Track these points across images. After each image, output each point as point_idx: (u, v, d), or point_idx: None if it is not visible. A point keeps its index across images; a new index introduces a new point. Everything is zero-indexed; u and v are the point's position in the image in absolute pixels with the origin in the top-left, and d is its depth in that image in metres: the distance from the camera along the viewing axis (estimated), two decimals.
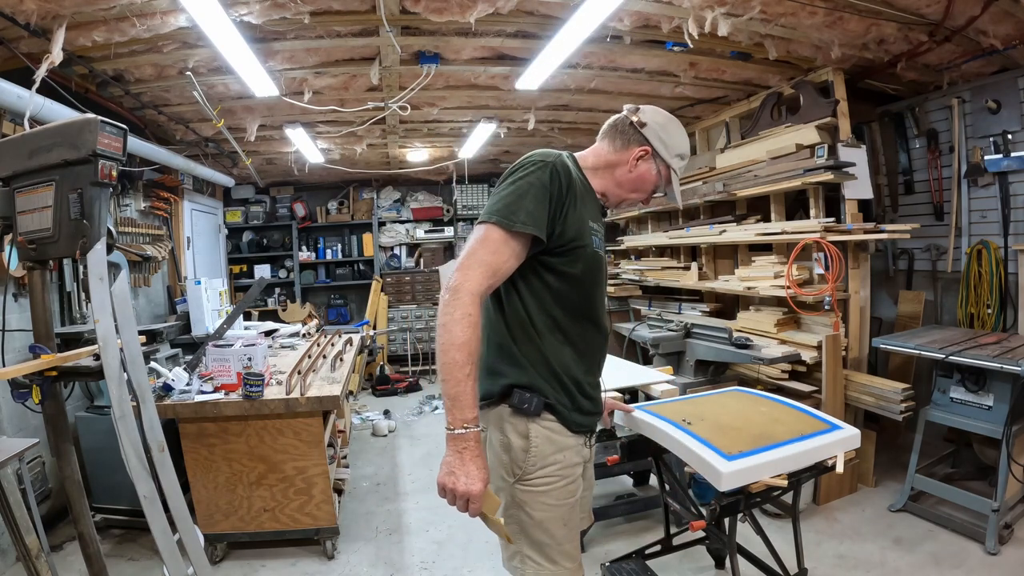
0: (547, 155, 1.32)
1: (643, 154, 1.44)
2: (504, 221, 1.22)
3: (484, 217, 1.25)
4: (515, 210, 1.23)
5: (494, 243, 1.22)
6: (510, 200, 1.24)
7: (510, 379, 1.32)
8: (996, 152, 3.31)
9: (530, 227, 1.22)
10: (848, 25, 2.82)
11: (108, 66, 3.01)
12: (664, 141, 1.45)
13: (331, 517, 2.72)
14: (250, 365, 2.67)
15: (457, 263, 1.23)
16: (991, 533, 2.48)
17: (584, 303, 1.37)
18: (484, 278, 1.19)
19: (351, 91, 3.61)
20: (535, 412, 1.30)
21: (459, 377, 1.15)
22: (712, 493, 1.73)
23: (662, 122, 1.46)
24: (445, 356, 1.15)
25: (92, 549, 1.86)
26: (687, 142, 1.51)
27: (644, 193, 1.50)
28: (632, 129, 1.45)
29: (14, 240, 1.73)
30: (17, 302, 2.84)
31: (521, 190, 1.25)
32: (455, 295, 1.17)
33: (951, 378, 2.77)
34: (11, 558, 2.56)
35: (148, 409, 1.81)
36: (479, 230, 1.25)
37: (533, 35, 2.95)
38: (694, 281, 4.21)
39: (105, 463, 2.80)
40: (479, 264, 1.20)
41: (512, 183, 1.28)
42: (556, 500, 1.33)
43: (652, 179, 1.47)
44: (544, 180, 1.27)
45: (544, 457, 1.31)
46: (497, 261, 1.21)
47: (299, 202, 7.10)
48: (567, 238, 1.29)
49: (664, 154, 1.45)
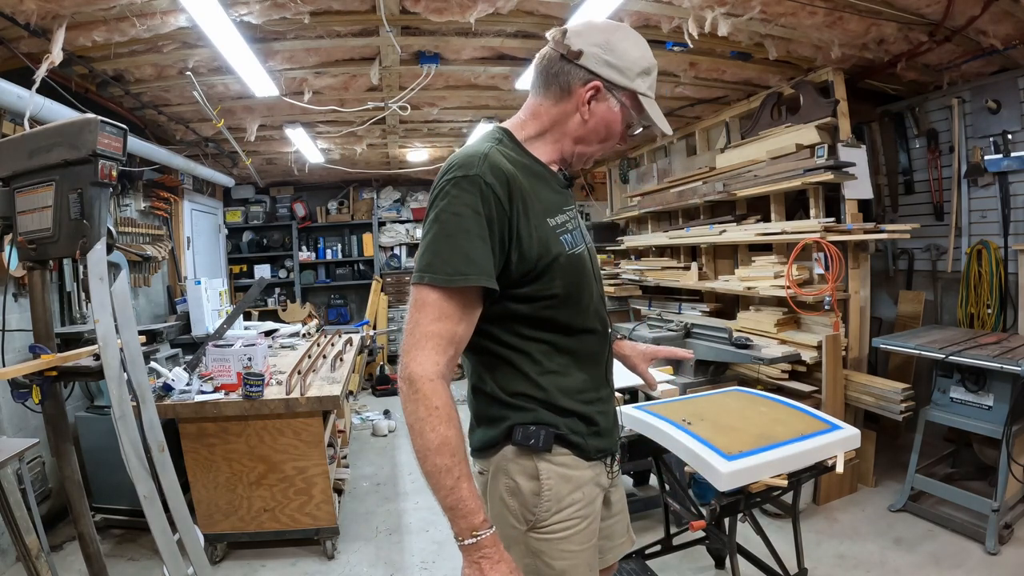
0: (468, 162, 1.01)
1: (593, 92, 1.10)
2: (439, 279, 0.96)
3: (415, 277, 0.99)
4: (447, 260, 0.96)
5: (435, 308, 0.97)
6: (438, 247, 0.97)
7: (511, 421, 1.10)
8: (996, 152, 3.31)
9: (473, 278, 0.96)
10: (848, 25, 2.82)
11: (108, 66, 3.01)
12: (613, 64, 1.09)
13: (331, 517, 2.72)
14: (250, 365, 2.67)
15: (405, 338, 1.00)
16: (991, 533, 2.48)
17: (576, 315, 1.12)
18: (438, 354, 0.96)
19: (351, 91, 3.61)
20: (544, 447, 1.08)
21: (449, 484, 0.95)
22: (712, 493, 1.73)
23: (601, 40, 1.09)
24: (425, 464, 0.96)
25: (92, 549, 1.86)
26: (646, 51, 1.14)
27: (615, 137, 1.17)
28: (567, 64, 1.10)
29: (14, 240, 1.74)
30: (17, 302, 2.84)
31: (449, 229, 0.97)
32: (412, 388, 0.95)
33: (951, 378, 2.77)
34: (11, 558, 2.56)
35: (148, 409, 1.82)
36: (414, 294, 0.99)
37: (533, 35, 2.95)
38: (694, 281, 4.20)
39: (105, 463, 2.80)
40: (426, 339, 0.96)
41: (435, 220, 0.99)
42: (578, 545, 1.12)
43: (617, 117, 1.13)
44: (475, 204, 0.98)
45: (560, 499, 1.10)
46: (446, 329, 0.97)
47: (299, 202, 7.10)
48: (531, 259, 1.03)
49: (621, 80, 1.10)
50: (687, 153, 4.88)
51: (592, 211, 7.20)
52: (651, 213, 4.93)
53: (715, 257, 4.30)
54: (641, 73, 1.12)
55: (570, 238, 1.11)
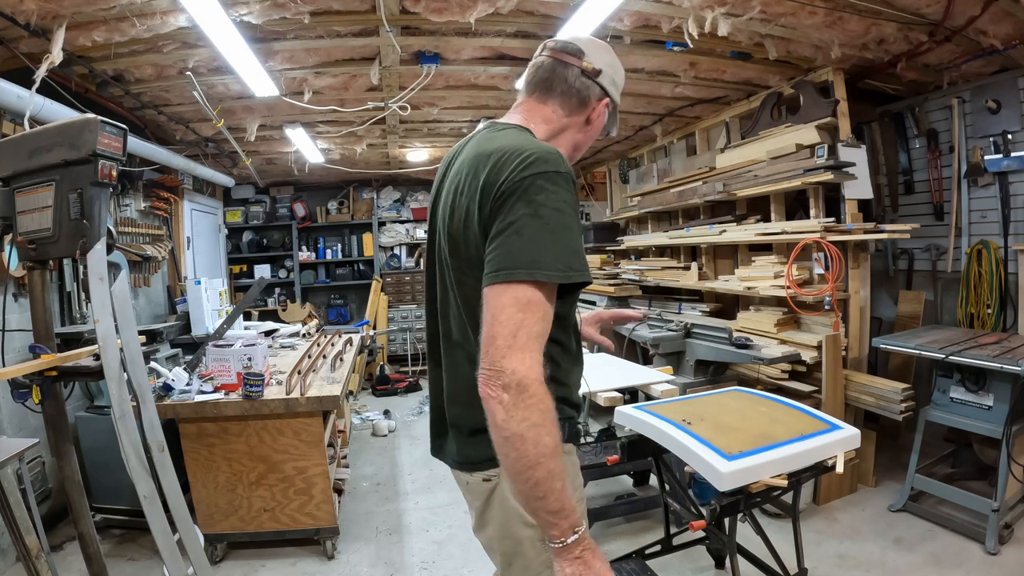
0: (553, 158, 1.00)
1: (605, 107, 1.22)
2: (551, 275, 0.92)
3: (521, 273, 0.92)
4: (557, 255, 0.93)
5: (543, 306, 0.92)
6: (543, 241, 0.93)
7: None
8: (996, 152, 3.31)
9: (583, 273, 0.95)
10: (848, 25, 2.82)
11: (108, 66, 3.01)
12: (616, 84, 1.22)
13: (331, 517, 2.72)
14: (250, 365, 2.67)
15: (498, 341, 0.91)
16: (991, 533, 2.48)
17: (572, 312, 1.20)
18: (536, 353, 0.92)
19: (351, 91, 3.61)
20: (569, 440, 1.12)
21: (559, 487, 0.91)
22: (712, 493, 1.73)
23: (609, 61, 1.21)
24: (537, 471, 0.90)
25: (92, 549, 1.86)
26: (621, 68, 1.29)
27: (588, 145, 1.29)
28: (587, 80, 1.17)
29: (14, 240, 1.74)
30: (17, 302, 2.84)
31: (552, 224, 0.94)
32: (524, 393, 0.89)
33: (951, 378, 2.77)
34: (11, 558, 2.56)
35: (148, 409, 1.82)
36: (514, 291, 0.92)
37: (533, 35, 2.95)
38: (694, 281, 4.20)
39: (105, 463, 2.80)
40: (532, 339, 0.91)
41: (533, 214, 0.94)
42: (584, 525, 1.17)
43: (600, 126, 1.25)
44: (573, 201, 0.98)
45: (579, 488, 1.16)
46: (547, 328, 0.94)
47: (299, 202, 7.10)
48: None
49: (616, 97, 1.24)
50: (687, 153, 4.88)
51: (592, 211, 7.20)
52: (651, 213, 4.93)
53: (715, 257, 4.30)
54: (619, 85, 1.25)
55: None
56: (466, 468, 1.18)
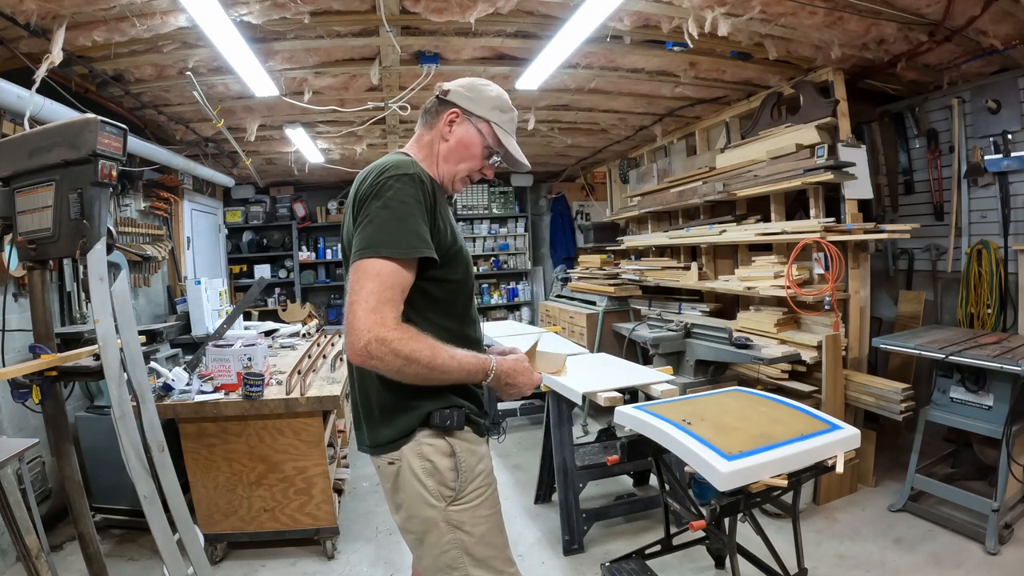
0: (402, 165, 1.24)
1: (453, 117, 1.37)
2: (396, 252, 1.15)
3: (370, 252, 1.14)
4: (400, 235, 1.15)
5: (391, 273, 1.14)
6: (389, 226, 1.16)
7: (427, 407, 1.26)
8: (996, 152, 3.31)
9: (425, 250, 1.18)
10: (848, 25, 2.82)
11: (108, 66, 3.01)
12: (471, 98, 1.38)
13: (331, 517, 2.72)
14: (250, 365, 2.67)
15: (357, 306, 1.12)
16: (991, 533, 2.48)
17: (467, 304, 1.37)
18: (388, 311, 1.12)
19: (351, 91, 3.61)
20: (458, 426, 1.27)
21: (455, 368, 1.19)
22: (712, 493, 1.73)
23: (467, 83, 1.40)
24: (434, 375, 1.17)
25: (92, 549, 1.86)
26: (502, 95, 1.42)
27: (475, 159, 1.39)
28: (437, 102, 1.40)
29: (14, 240, 1.74)
30: (17, 302, 2.84)
31: (397, 212, 1.17)
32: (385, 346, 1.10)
33: (951, 378, 2.77)
34: (11, 558, 2.56)
35: (148, 409, 1.82)
36: (369, 265, 1.14)
37: (533, 35, 2.95)
38: (694, 281, 4.20)
39: (105, 463, 2.79)
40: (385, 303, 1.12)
41: (382, 206, 1.17)
42: (489, 509, 1.31)
43: (475, 140, 1.37)
44: (416, 195, 1.20)
45: (472, 470, 1.29)
46: (396, 290, 1.15)
47: (299, 202, 7.10)
48: (446, 245, 1.26)
49: (477, 110, 1.37)
50: (687, 153, 4.88)
51: (592, 211, 7.20)
52: (651, 213, 4.93)
53: (715, 257, 4.30)
54: (495, 107, 1.39)
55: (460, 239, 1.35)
56: (374, 451, 1.34)
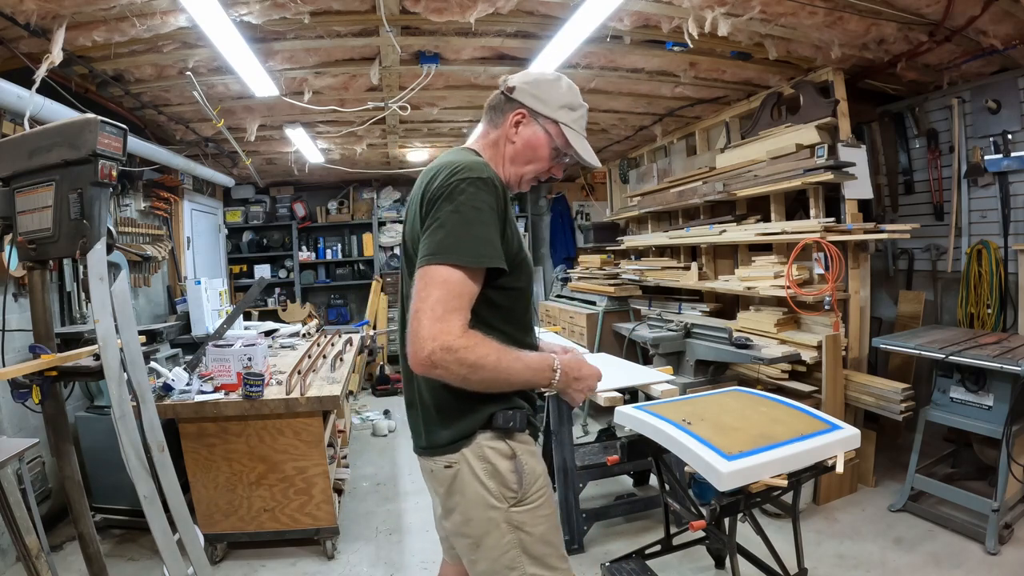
0: (476, 167, 1.18)
1: (519, 118, 1.33)
2: (467, 260, 1.11)
3: (439, 259, 1.10)
4: (471, 243, 1.12)
5: (460, 282, 1.10)
6: (461, 233, 1.12)
7: (490, 408, 1.24)
8: (996, 152, 3.31)
9: (493, 260, 1.14)
10: (848, 25, 2.82)
11: (108, 66, 3.01)
12: (540, 97, 1.33)
13: (331, 517, 2.72)
14: (250, 365, 2.67)
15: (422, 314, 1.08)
16: (991, 533, 2.48)
17: (526, 311, 1.34)
18: (455, 321, 1.08)
19: (351, 91, 3.61)
20: (520, 428, 1.26)
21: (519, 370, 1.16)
22: (712, 493, 1.73)
23: (532, 80, 1.35)
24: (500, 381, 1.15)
25: (92, 549, 1.86)
26: (572, 93, 1.36)
27: (543, 161, 1.35)
28: (504, 99, 1.35)
29: (14, 240, 1.74)
30: (17, 302, 2.84)
31: (469, 218, 1.13)
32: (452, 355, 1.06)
33: (951, 378, 2.77)
34: (11, 558, 2.56)
35: (148, 409, 1.82)
36: (437, 272, 1.10)
37: (533, 35, 2.95)
38: (694, 281, 4.20)
39: (105, 463, 2.79)
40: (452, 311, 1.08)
41: (454, 210, 1.13)
42: (549, 508, 1.31)
43: (543, 142, 1.33)
44: (491, 202, 1.16)
45: (534, 471, 1.28)
46: (464, 299, 1.11)
47: (299, 202, 7.10)
48: (512, 252, 1.22)
49: (545, 110, 1.32)
50: (687, 153, 4.88)
51: (592, 211, 7.20)
52: (651, 213, 4.93)
53: (715, 257, 4.30)
54: (563, 107, 1.33)
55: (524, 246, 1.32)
56: (428, 454, 1.30)
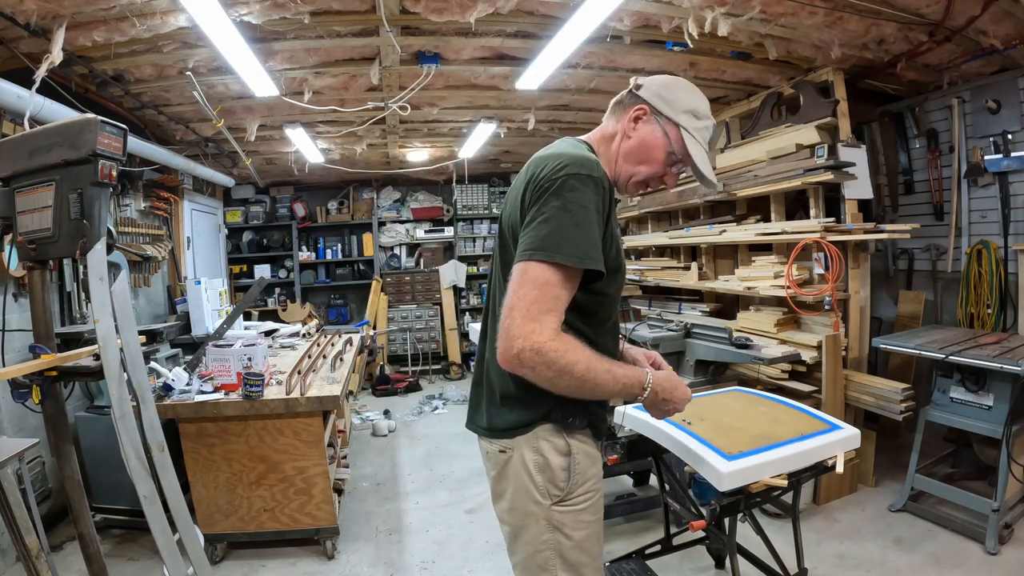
0: (587, 164, 1.12)
1: (640, 113, 1.24)
2: (569, 259, 1.06)
3: (541, 255, 1.06)
4: (576, 243, 1.07)
5: (558, 285, 1.06)
6: (566, 231, 1.07)
7: (552, 401, 1.19)
8: (996, 152, 3.31)
9: (597, 263, 1.09)
10: (848, 25, 2.82)
11: (108, 66, 3.01)
12: (665, 98, 1.24)
13: (331, 517, 2.72)
14: (250, 365, 2.67)
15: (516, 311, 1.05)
16: (991, 533, 2.48)
17: (610, 315, 1.28)
18: (551, 321, 1.05)
19: (351, 91, 3.61)
20: (580, 426, 1.23)
21: (608, 381, 1.11)
22: (712, 493, 1.74)
23: (663, 82, 1.27)
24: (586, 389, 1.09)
25: (92, 549, 1.86)
26: (702, 102, 1.27)
27: (656, 164, 1.25)
28: (629, 96, 1.29)
29: (14, 240, 1.74)
30: (17, 302, 2.84)
31: (576, 217, 1.08)
32: (541, 357, 1.03)
33: (951, 378, 2.77)
34: (11, 558, 2.56)
35: (148, 409, 1.81)
36: (537, 270, 1.06)
37: (533, 35, 2.95)
38: (694, 281, 4.20)
39: (105, 463, 2.80)
40: (546, 312, 1.05)
41: (561, 207, 1.08)
42: (593, 515, 1.25)
43: (659, 143, 1.23)
44: (597, 203, 1.10)
45: (584, 473, 1.23)
46: (560, 298, 1.07)
47: (299, 202, 7.09)
48: (610, 257, 1.16)
49: (667, 111, 1.23)
50: None
51: None
52: (651, 213, 4.93)
53: (715, 257, 4.30)
54: (687, 112, 1.24)
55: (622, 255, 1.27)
56: (487, 435, 1.29)
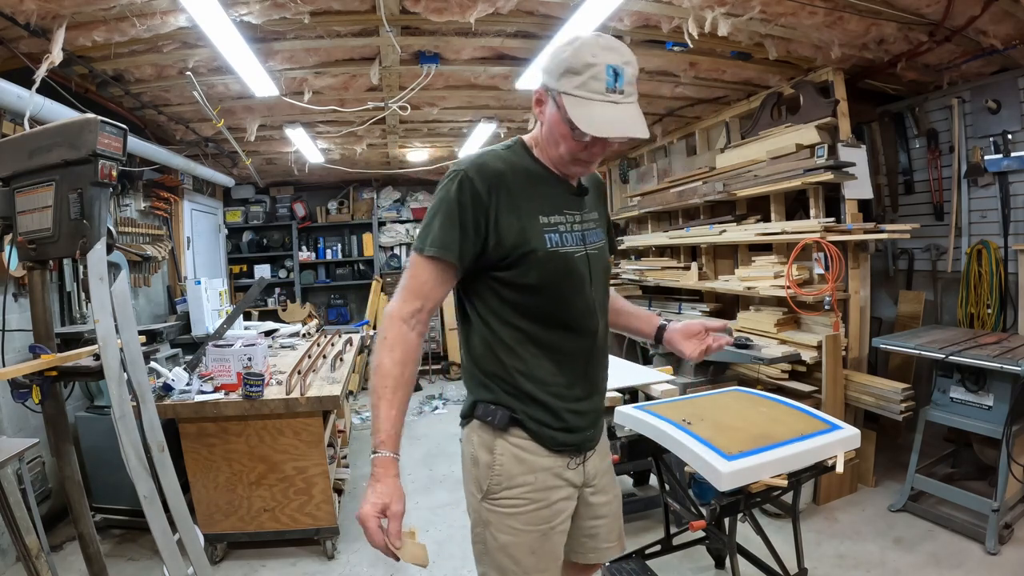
0: (463, 162, 1.19)
1: (538, 96, 1.19)
2: (418, 246, 1.18)
3: (414, 246, 1.22)
4: (426, 235, 1.17)
5: (413, 268, 1.19)
6: (424, 223, 1.19)
7: (476, 397, 1.26)
8: (996, 152, 3.31)
9: (435, 250, 1.15)
10: (848, 25, 2.82)
11: (108, 66, 3.01)
12: (548, 69, 1.15)
13: (331, 517, 2.72)
14: (250, 365, 2.67)
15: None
16: (991, 533, 2.48)
17: (556, 310, 1.21)
18: (405, 302, 1.16)
19: (351, 91, 3.61)
20: (500, 426, 1.22)
21: (373, 401, 1.13)
22: (712, 493, 1.74)
23: (550, 52, 1.19)
24: (372, 381, 1.15)
25: (92, 549, 1.86)
26: (577, 54, 1.09)
27: (566, 140, 1.15)
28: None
29: (14, 240, 1.74)
30: (17, 302, 2.84)
31: (433, 210, 1.18)
32: (382, 319, 1.19)
33: (951, 378, 2.77)
34: (11, 558, 2.56)
35: (148, 409, 1.82)
36: (411, 259, 1.22)
37: (533, 35, 2.95)
38: (694, 281, 4.20)
39: (105, 463, 2.80)
40: (402, 289, 1.19)
41: (432, 204, 1.20)
42: (523, 525, 1.22)
43: (556, 119, 1.14)
44: (452, 195, 1.15)
45: (511, 477, 1.21)
46: (417, 285, 1.17)
47: (299, 202, 7.10)
48: (507, 247, 1.16)
49: (551, 83, 1.13)
50: (687, 153, 4.88)
51: None
52: (651, 213, 4.93)
53: (715, 257, 4.30)
54: (564, 73, 1.10)
55: (557, 238, 1.21)
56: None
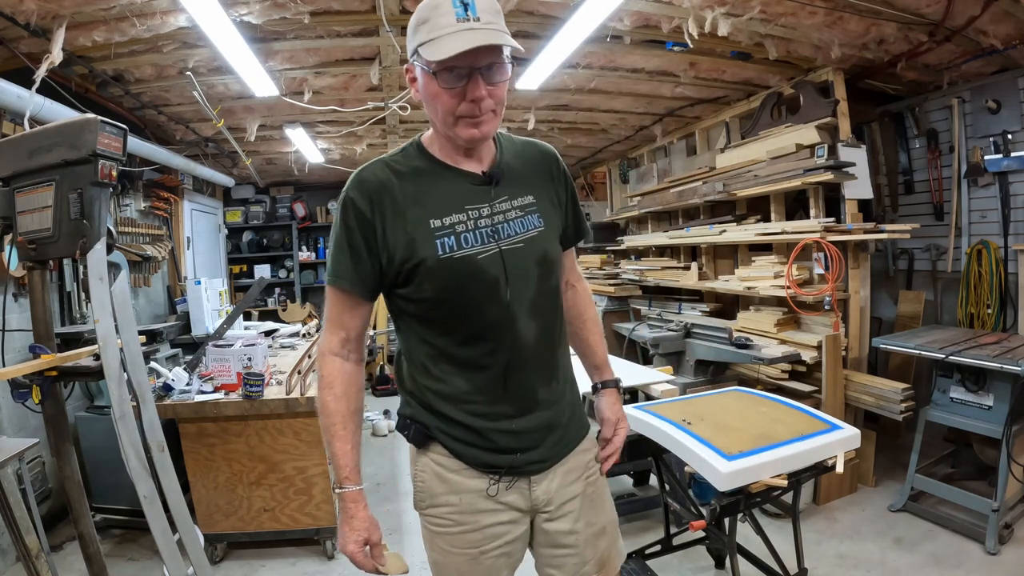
0: (349, 182, 1.12)
1: (407, 74, 1.12)
2: (328, 279, 1.16)
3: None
4: (328, 264, 1.16)
5: (327, 299, 1.18)
6: (329, 255, 1.16)
7: (399, 409, 1.26)
8: (996, 152, 3.31)
9: (331, 279, 1.14)
10: (848, 25, 2.82)
11: (108, 66, 3.01)
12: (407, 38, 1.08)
13: (331, 517, 2.72)
14: (250, 365, 2.67)
15: None
16: (991, 533, 2.48)
17: (463, 322, 1.10)
18: (332, 334, 1.17)
19: (351, 91, 3.61)
20: (415, 442, 1.20)
21: (327, 439, 1.14)
22: (712, 493, 1.74)
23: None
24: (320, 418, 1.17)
25: (92, 549, 1.86)
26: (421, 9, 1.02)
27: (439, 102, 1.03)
28: None
29: (14, 240, 1.74)
30: (17, 302, 2.84)
31: (331, 237, 1.16)
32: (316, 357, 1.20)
33: (951, 378, 2.77)
34: (11, 558, 2.56)
35: (148, 409, 1.82)
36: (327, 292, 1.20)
37: (533, 35, 2.95)
38: (694, 281, 4.20)
39: (105, 463, 2.80)
40: (325, 321, 1.19)
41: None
42: (449, 546, 1.17)
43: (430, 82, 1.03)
44: (339, 219, 1.12)
45: (433, 496, 1.18)
46: (334, 315, 1.17)
47: (299, 202, 7.10)
48: (397, 262, 1.07)
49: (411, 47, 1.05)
50: (687, 153, 4.88)
51: (592, 211, 7.19)
52: (651, 213, 4.93)
53: (715, 257, 4.30)
54: (416, 28, 1.02)
55: (452, 241, 1.06)
56: None
